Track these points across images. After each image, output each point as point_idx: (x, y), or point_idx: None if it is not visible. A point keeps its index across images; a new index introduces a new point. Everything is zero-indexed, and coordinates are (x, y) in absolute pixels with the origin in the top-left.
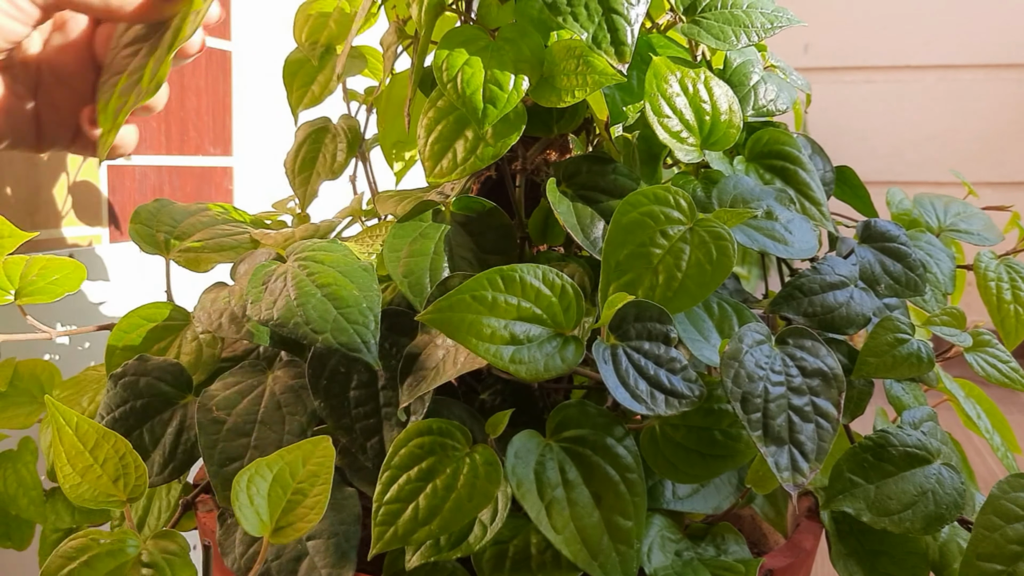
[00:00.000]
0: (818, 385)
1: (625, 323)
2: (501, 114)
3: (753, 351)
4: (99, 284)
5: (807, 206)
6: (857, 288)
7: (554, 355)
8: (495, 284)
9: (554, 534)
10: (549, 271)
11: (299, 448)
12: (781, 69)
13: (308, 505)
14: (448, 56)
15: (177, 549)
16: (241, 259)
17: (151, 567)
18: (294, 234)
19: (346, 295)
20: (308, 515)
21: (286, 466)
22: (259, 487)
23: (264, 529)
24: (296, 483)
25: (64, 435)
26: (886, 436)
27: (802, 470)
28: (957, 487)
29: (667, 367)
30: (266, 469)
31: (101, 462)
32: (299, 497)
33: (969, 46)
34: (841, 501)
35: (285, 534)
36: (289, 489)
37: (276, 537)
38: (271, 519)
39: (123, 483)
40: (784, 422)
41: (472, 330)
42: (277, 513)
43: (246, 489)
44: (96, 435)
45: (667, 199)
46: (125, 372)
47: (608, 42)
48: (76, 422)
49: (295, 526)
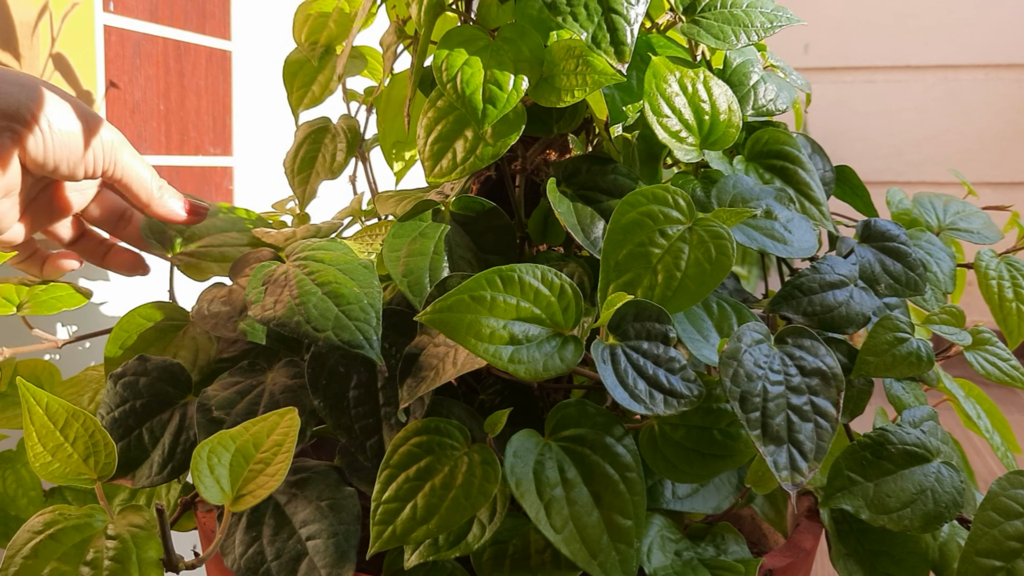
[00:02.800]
0: (817, 384)
1: (624, 323)
2: (501, 114)
3: (752, 350)
4: (99, 284)
5: (807, 206)
6: (857, 287)
7: (553, 355)
8: (494, 284)
9: (553, 533)
10: (548, 271)
11: (264, 420)
12: (781, 69)
13: (269, 473)
14: (448, 56)
15: (143, 523)
16: (241, 259)
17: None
18: (295, 233)
19: (347, 292)
20: (268, 482)
21: (250, 437)
22: (221, 457)
23: (225, 498)
24: (260, 453)
25: (34, 414)
26: (885, 434)
27: (801, 469)
28: (956, 486)
29: (666, 367)
30: (229, 440)
31: (71, 440)
32: (261, 466)
33: (969, 46)
34: (840, 499)
35: (245, 501)
36: (252, 459)
37: (236, 505)
38: (232, 488)
39: (93, 460)
40: (783, 421)
41: (471, 330)
42: (239, 483)
43: (207, 459)
44: (66, 414)
45: (666, 199)
46: (125, 372)
47: (608, 42)
48: (46, 401)
49: (255, 493)
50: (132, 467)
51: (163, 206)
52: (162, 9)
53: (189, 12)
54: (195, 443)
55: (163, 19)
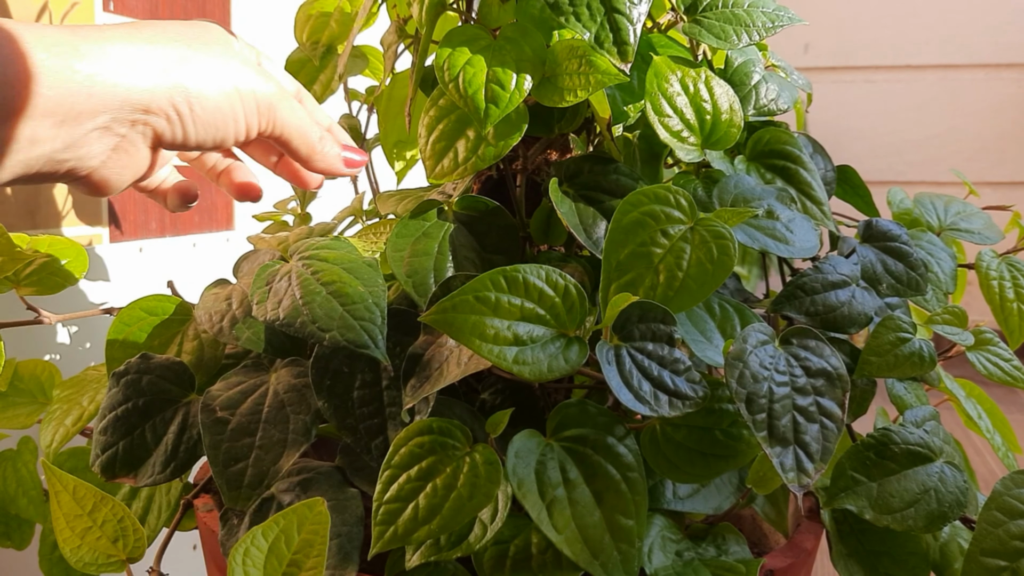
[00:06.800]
0: (822, 385)
1: (629, 324)
2: (503, 113)
3: (757, 351)
4: (100, 284)
5: (808, 205)
6: (859, 287)
7: (558, 356)
8: (498, 285)
9: (555, 534)
10: (552, 271)
11: (294, 512)
12: (782, 69)
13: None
14: (450, 55)
15: None
16: (243, 257)
17: None
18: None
19: (351, 292)
20: None
21: (281, 534)
22: (255, 559)
23: None
24: (291, 553)
25: (62, 500)
26: (888, 434)
27: (807, 470)
28: (960, 485)
29: (671, 368)
30: (261, 539)
31: (100, 524)
32: (294, 570)
33: (969, 46)
34: (843, 499)
35: None
36: (285, 560)
37: None
38: None
39: (122, 543)
40: (789, 423)
41: (476, 331)
42: None
43: (242, 564)
44: (94, 499)
45: (667, 198)
46: (128, 370)
47: (611, 42)
48: (73, 487)
49: None
50: (135, 465)
51: (324, 160)
52: (162, 9)
53: (189, 12)
54: (198, 442)
55: (163, 18)
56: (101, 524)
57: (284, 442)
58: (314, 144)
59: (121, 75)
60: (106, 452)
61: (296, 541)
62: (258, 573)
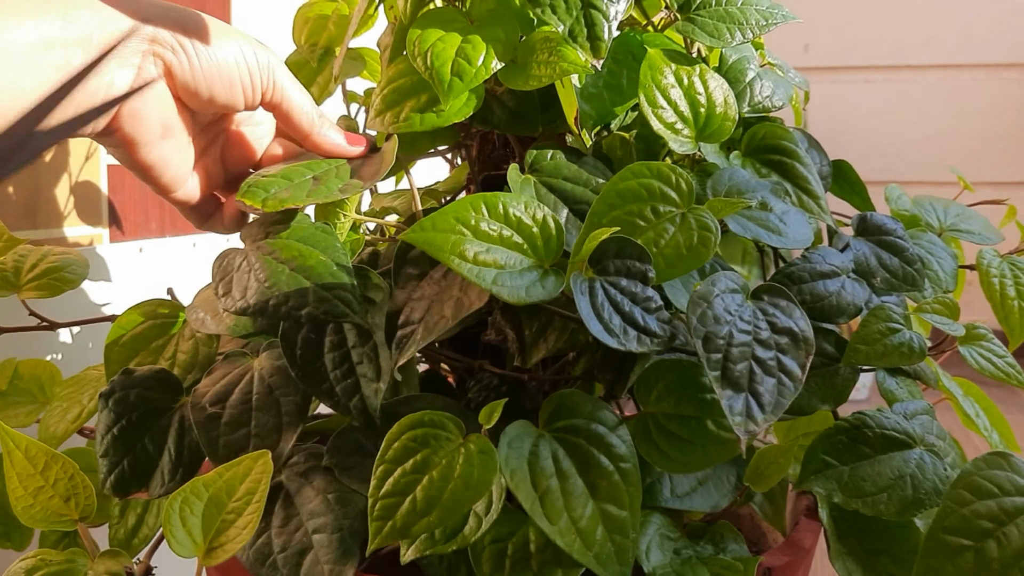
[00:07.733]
0: (786, 343)
1: (605, 258)
2: (467, 87)
3: (724, 296)
4: (100, 284)
5: (804, 199)
6: (849, 278)
7: (536, 283)
8: (477, 208)
9: (548, 525)
10: (532, 202)
11: (239, 463)
12: (779, 67)
13: (240, 525)
14: (423, 32)
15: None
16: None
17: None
18: None
19: (314, 263)
20: (240, 535)
21: (224, 484)
22: (194, 507)
23: (197, 551)
24: (232, 501)
25: (15, 458)
26: (863, 418)
27: (756, 419)
28: (940, 474)
29: (642, 305)
30: (202, 489)
31: (52, 483)
32: (232, 516)
33: (969, 46)
34: (813, 481)
35: (216, 555)
36: (224, 508)
37: (208, 559)
38: (204, 540)
39: (74, 502)
40: (745, 369)
41: (455, 250)
42: (211, 533)
43: (179, 511)
44: (45, 457)
45: (669, 177)
46: (113, 389)
47: (584, 36)
48: (25, 445)
49: (225, 547)
50: (144, 479)
51: (323, 136)
52: None
53: None
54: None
55: None
56: (53, 483)
57: (279, 426)
58: (314, 118)
59: (130, 12)
60: (113, 472)
61: (239, 489)
62: (197, 520)
